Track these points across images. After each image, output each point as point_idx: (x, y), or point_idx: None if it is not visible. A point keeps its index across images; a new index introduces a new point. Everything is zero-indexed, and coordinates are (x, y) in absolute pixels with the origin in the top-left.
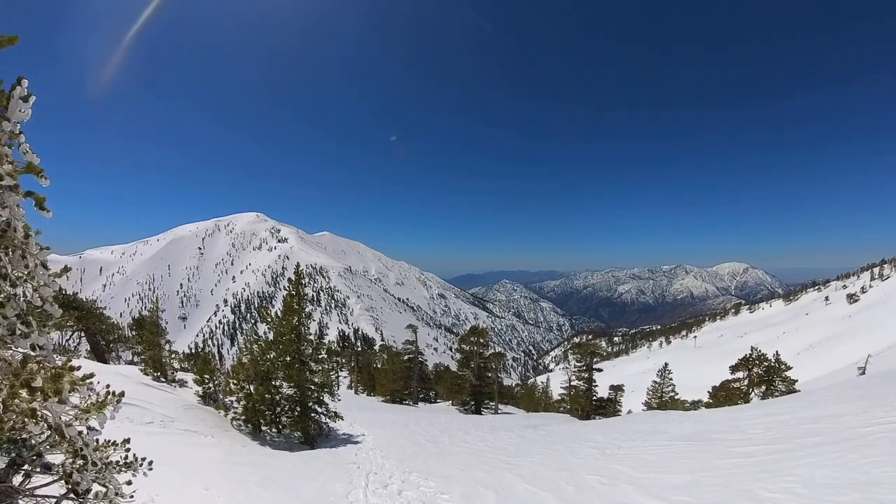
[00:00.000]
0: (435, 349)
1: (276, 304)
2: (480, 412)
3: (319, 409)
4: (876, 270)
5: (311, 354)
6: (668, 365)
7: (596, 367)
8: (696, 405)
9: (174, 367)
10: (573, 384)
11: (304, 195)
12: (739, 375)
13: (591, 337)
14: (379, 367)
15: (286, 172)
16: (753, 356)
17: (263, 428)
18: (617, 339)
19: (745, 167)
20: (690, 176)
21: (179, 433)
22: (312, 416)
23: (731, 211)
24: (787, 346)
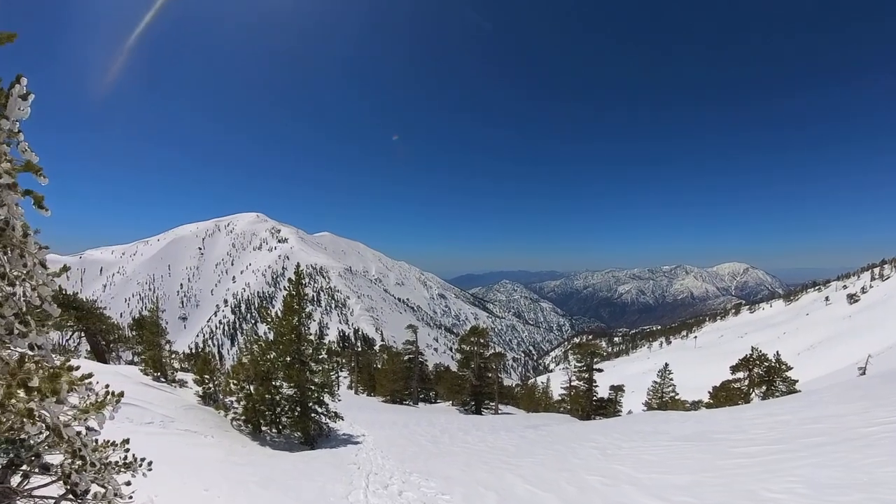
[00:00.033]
0: (435, 349)
1: (276, 304)
2: (481, 412)
3: (320, 409)
4: (876, 270)
5: (311, 354)
6: (668, 365)
7: (596, 367)
8: (696, 405)
9: (174, 367)
10: (573, 384)
11: (304, 195)
12: (740, 376)
13: (591, 337)
14: (379, 367)
15: (286, 172)
16: (754, 356)
17: (263, 428)
18: (617, 339)
19: (745, 167)
20: (690, 176)
21: (179, 433)
22: (312, 416)
23: (731, 211)
24: (787, 346)
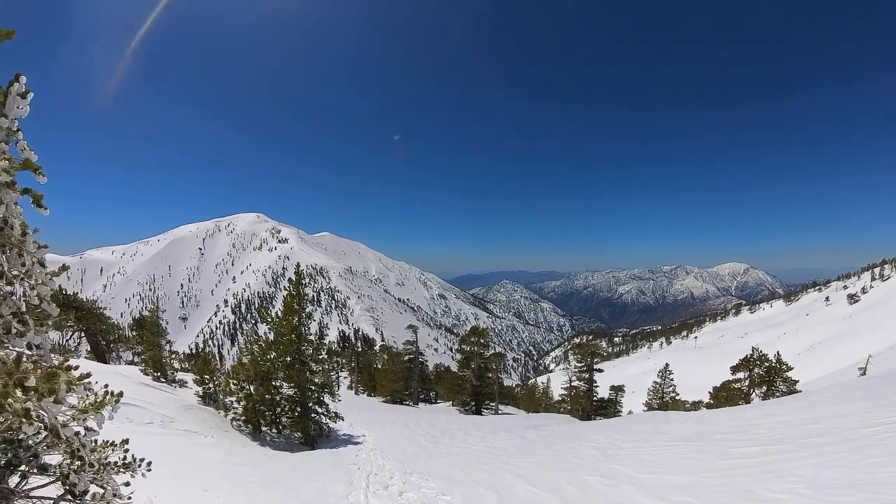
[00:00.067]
0: (435, 350)
1: (276, 304)
2: (481, 413)
3: (320, 409)
4: (876, 271)
5: (311, 355)
6: (668, 365)
7: (596, 367)
8: (696, 406)
9: (174, 367)
10: (574, 385)
11: (304, 195)
12: (740, 376)
13: (591, 337)
14: (379, 367)
15: (286, 172)
16: (754, 357)
17: (263, 428)
18: (617, 339)
19: (745, 167)
20: (691, 176)
21: (179, 433)
22: (313, 416)
23: (731, 211)
24: (787, 346)
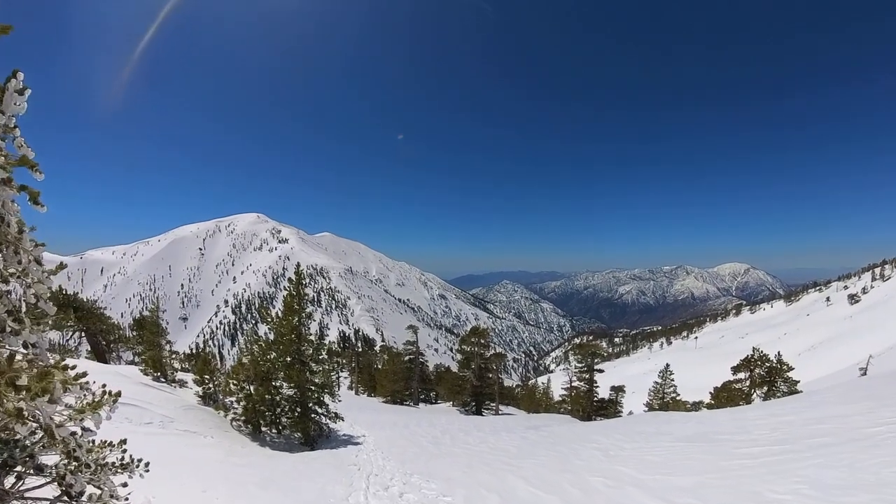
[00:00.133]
0: (436, 350)
1: (276, 304)
2: (481, 413)
3: (320, 409)
4: (877, 271)
5: (311, 355)
6: (669, 366)
7: (597, 367)
8: (697, 406)
9: (174, 367)
10: (574, 385)
11: (304, 196)
12: (741, 376)
13: (591, 338)
14: (380, 367)
15: (286, 173)
16: (755, 357)
17: (263, 429)
18: (618, 339)
19: (745, 167)
20: (691, 176)
21: (178, 434)
22: (313, 416)
23: (731, 211)
24: (788, 346)
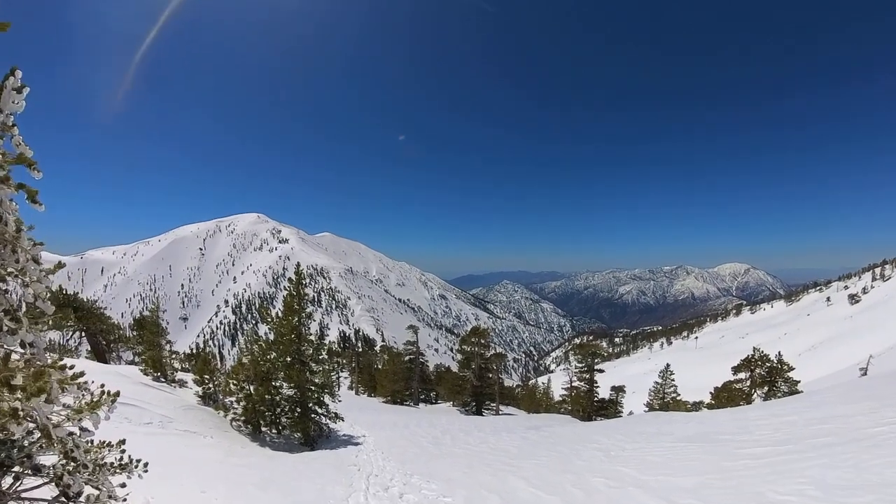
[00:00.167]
0: (436, 350)
1: (276, 304)
2: (482, 413)
3: (320, 409)
4: (877, 271)
5: (311, 355)
6: (669, 366)
7: (597, 367)
8: (697, 406)
9: (174, 367)
10: (574, 385)
11: (304, 196)
12: (742, 376)
13: (592, 338)
14: (380, 367)
15: (287, 173)
16: (756, 357)
17: (263, 429)
18: (618, 339)
19: (745, 167)
20: (691, 176)
21: (178, 434)
22: (313, 417)
23: (731, 211)
24: (788, 346)
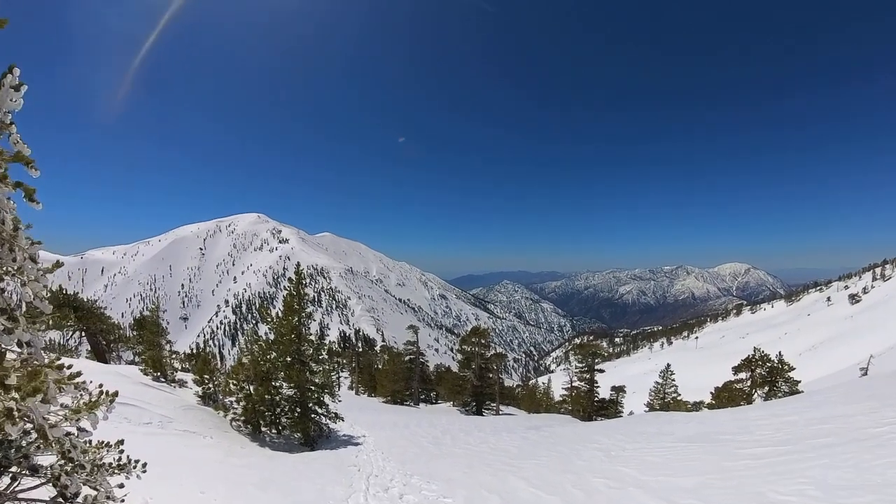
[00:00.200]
0: (436, 350)
1: (277, 304)
2: (482, 413)
3: (320, 409)
4: (878, 271)
5: (311, 355)
6: (670, 366)
7: (597, 367)
8: (698, 406)
9: (174, 367)
10: (575, 385)
11: (304, 196)
12: (742, 376)
13: (592, 338)
14: (380, 367)
15: (287, 173)
16: (756, 357)
17: (263, 429)
18: (618, 339)
19: (745, 167)
20: (691, 176)
21: (177, 434)
22: (313, 417)
23: (731, 211)
24: (788, 346)
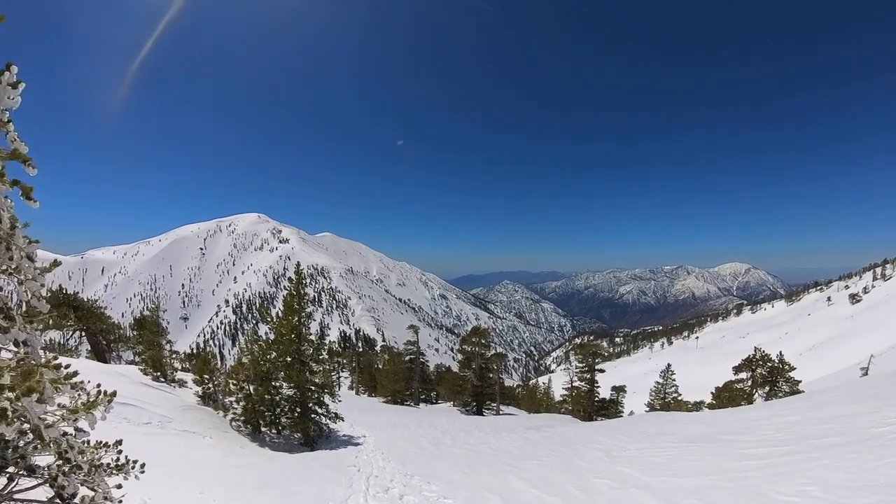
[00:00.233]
0: (436, 350)
1: (277, 304)
2: (482, 413)
3: (320, 409)
4: (878, 270)
5: (311, 355)
6: (670, 366)
7: (598, 367)
8: (698, 406)
9: (174, 367)
10: (575, 385)
11: (305, 196)
12: (743, 376)
13: (592, 338)
14: (380, 367)
15: (287, 173)
16: (757, 357)
17: (263, 429)
18: (618, 339)
19: (745, 167)
20: (691, 176)
21: (177, 434)
22: (313, 417)
23: (732, 211)
24: (789, 346)
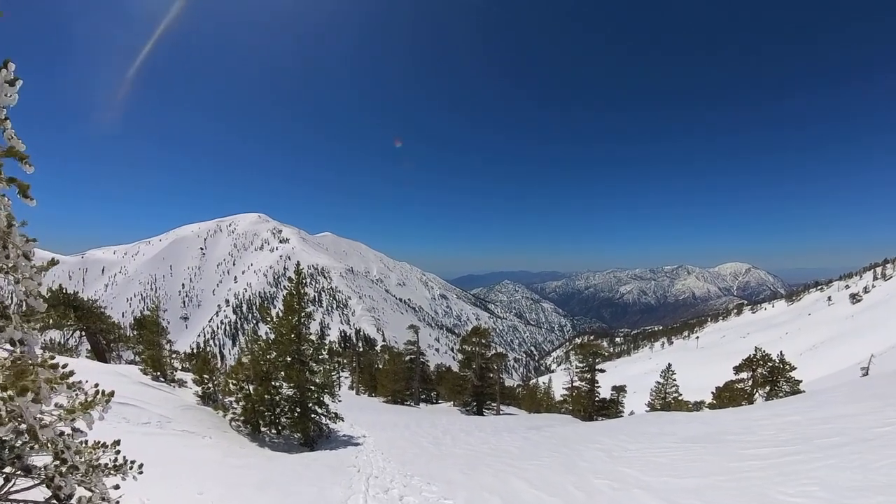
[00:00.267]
0: (437, 350)
1: (277, 304)
2: (482, 413)
3: (320, 409)
4: (878, 270)
5: (311, 355)
6: (671, 365)
7: (598, 367)
8: (699, 406)
9: (174, 366)
10: (575, 385)
11: (305, 196)
12: (743, 376)
13: (592, 337)
14: (380, 367)
15: (287, 173)
16: (757, 356)
17: (262, 429)
18: (619, 339)
19: (746, 167)
20: (692, 176)
21: (176, 434)
22: (312, 417)
23: (732, 211)
24: (789, 346)
